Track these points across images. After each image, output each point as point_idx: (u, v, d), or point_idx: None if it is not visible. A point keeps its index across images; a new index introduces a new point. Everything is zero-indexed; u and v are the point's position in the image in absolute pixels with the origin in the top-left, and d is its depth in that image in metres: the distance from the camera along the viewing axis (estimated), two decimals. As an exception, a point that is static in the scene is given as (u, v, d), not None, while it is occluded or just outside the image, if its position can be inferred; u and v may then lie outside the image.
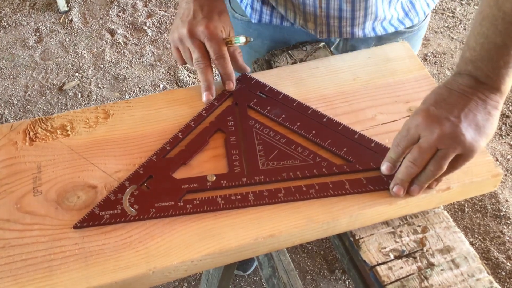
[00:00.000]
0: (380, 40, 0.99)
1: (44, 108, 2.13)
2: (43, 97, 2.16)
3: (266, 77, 0.86)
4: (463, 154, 0.64)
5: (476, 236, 1.70)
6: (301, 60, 0.94)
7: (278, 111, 0.80)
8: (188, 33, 0.80)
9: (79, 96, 2.17)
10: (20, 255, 0.65)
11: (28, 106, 2.13)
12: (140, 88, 2.20)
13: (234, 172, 0.73)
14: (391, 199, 0.70)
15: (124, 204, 0.69)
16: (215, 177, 0.72)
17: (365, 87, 0.84)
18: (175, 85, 2.21)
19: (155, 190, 0.71)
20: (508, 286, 1.56)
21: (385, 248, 0.71)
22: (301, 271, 1.67)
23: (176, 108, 0.82)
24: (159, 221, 0.69)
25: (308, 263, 1.69)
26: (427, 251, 0.70)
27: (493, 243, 1.66)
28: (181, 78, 2.23)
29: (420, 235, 0.72)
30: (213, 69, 0.83)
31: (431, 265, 0.69)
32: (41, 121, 0.80)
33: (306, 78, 0.86)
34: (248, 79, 0.85)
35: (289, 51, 0.96)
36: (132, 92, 2.18)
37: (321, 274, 1.66)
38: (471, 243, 1.65)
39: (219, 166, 0.75)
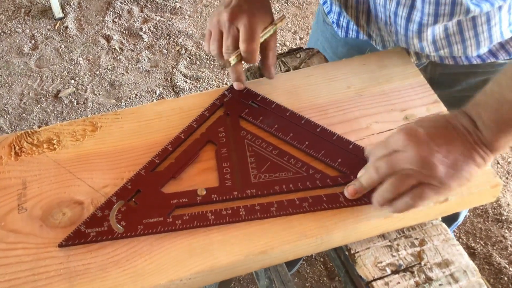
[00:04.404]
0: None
1: (40, 116, 2.11)
2: (39, 105, 2.14)
3: (259, 86, 0.84)
4: (431, 185, 0.62)
5: (478, 241, 1.68)
6: (295, 67, 0.92)
7: (270, 121, 0.78)
8: (228, 19, 0.77)
9: (75, 103, 2.15)
10: (3, 275, 0.63)
11: (24, 114, 2.11)
12: (136, 94, 2.18)
13: (225, 186, 0.71)
14: (386, 212, 0.68)
15: (111, 221, 0.67)
16: (205, 191, 0.70)
17: (359, 95, 0.82)
18: (172, 90, 2.19)
19: (143, 205, 0.69)
20: (511, 292, 1.54)
21: (381, 262, 0.69)
22: (300, 279, 1.65)
23: (166, 119, 0.80)
24: (147, 238, 0.66)
25: (308, 271, 1.66)
26: (425, 265, 0.68)
27: (495, 248, 1.64)
28: (177, 84, 2.20)
29: (418, 248, 0.70)
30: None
31: (429, 280, 0.67)
32: (27, 134, 0.78)
33: (300, 86, 0.84)
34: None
35: (283, 58, 0.94)
36: (128, 99, 2.16)
37: (321, 281, 1.64)
38: (473, 248, 1.63)
39: (210, 180, 0.72)
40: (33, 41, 2.38)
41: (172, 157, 0.74)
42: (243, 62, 0.79)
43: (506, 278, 1.57)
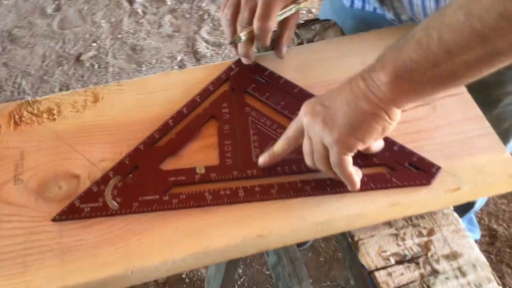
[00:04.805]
0: None
1: (61, 79, 2.10)
2: (60, 68, 2.14)
3: (268, 60, 0.79)
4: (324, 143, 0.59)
5: (500, 223, 1.62)
6: (309, 40, 0.87)
7: (277, 98, 0.74)
8: None
9: (96, 67, 2.13)
10: (-4, 248, 0.62)
11: (46, 77, 2.11)
12: (157, 60, 2.15)
13: (225, 165, 0.68)
14: (393, 199, 0.64)
15: (106, 196, 0.65)
16: (204, 170, 0.67)
17: (374, 72, 0.77)
18: (193, 57, 2.15)
19: (140, 182, 0.67)
20: (531, 278, 1.49)
21: (385, 251, 0.65)
22: (314, 253, 1.63)
23: (169, 93, 0.77)
24: (142, 216, 0.64)
25: (322, 245, 1.64)
26: (431, 256, 0.65)
27: (518, 231, 1.58)
28: (199, 50, 2.17)
29: (425, 238, 0.66)
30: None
31: (435, 272, 0.63)
32: (27, 103, 0.76)
33: (311, 61, 0.80)
34: (247, 61, 0.78)
35: (297, 30, 0.89)
36: (149, 64, 2.13)
37: (335, 257, 1.61)
38: (495, 230, 1.58)
39: (210, 157, 0.69)
40: (56, 2, 2.36)
41: (173, 132, 0.72)
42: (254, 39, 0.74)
43: (527, 263, 1.52)
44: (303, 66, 0.79)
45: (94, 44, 2.21)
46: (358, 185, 0.62)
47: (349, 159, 0.59)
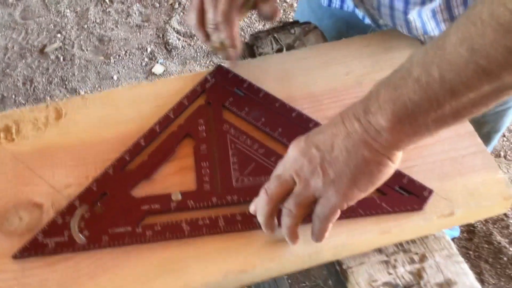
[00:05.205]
0: None
1: (25, 73, 2.00)
2: (23, 60, 2.03)
3: (246, 70, 0.74)
4: (319, 199, 0.53)
5: (478, 217, 1.61)
6: (289, 46, 0.82)
7: (257, 113, 0.69)
8: None
9: (62, 59, 2.03)
10: (-50, 291, 0.56)
11: (8, 70, 2.00)
12: (126, 51, 2.06)
13: (203, 190, 0.62)
14: (384, 226, 0.60)
15: (72, 230, 0.59)
16: (180, 196, 0.62)
17: (359, 83, 0.73)
18: (164, 49, 2.07)
19: (109, 211, 0.61)
20: (510, 272, 1.49)
21: (376, 281, 0.61)
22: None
23: (140, 107, 0.71)
24: (113, 250, 0.59)
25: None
26: (425, 285, 0.61)
27: (496, 226, 1.58)
28: (170, 41, 2.08)
29: (417, 265, 0.62)
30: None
31: (428, 303, 0.60)
32: (-18, 122, 0.69)
33: (292, 71, 0.74)
34: (225, 72, 0.73)
35: (275, 34, 0.83)
36: (117, 56, 2.04)
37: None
38: (472, 226, 1.56)
39: (187, 181, 0.64)
40: (17, -10, 2.24)
41: (145, 153, 0.66)
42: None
43: (505, 258, 1.51)
44: (284, 76, 0.74)
45: (58, 35, 2.11)
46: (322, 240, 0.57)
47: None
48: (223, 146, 0.66)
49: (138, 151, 0.66)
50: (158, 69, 2.00)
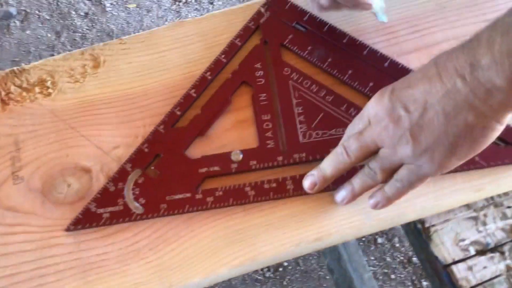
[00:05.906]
0: None
1: None
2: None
3: (305, -2, 0.63)
4: (408, 165, 0.46)
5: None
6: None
7: (322, 53, 0.59)
8: None
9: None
10: (4, 268, 0.52)
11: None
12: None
13: (266, 148, 0.55)
14: (477, 184, 0.53)
15: (127, 197, 0.54)
16: (241, 156, 0.55)
17: (441, 8, 0.62)
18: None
19: (165, 176, 0.55)
20: None
21: (463, 240, 0.55)
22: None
23: (186, 50, 0.62)
24: (173, 218, 0.53)
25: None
26: (519, 244, 0.55)
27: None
28: None
29: (511, 221, 0.56)
30: None
31: (524, 264, 0.54)
32: (13, 74, 0.62)
33: (358, -5, 0.63)
34: (280, 3, 0.62)
35: None
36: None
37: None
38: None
39: (247, 137, 0.57)
40: None
41: (197, 105, 0.58)
42: None
43: None
44: (349, 3, 0.63)
45: None
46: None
47: None
48: (286, 94, 0.57)
49: (190, 104, 0.58)
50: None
